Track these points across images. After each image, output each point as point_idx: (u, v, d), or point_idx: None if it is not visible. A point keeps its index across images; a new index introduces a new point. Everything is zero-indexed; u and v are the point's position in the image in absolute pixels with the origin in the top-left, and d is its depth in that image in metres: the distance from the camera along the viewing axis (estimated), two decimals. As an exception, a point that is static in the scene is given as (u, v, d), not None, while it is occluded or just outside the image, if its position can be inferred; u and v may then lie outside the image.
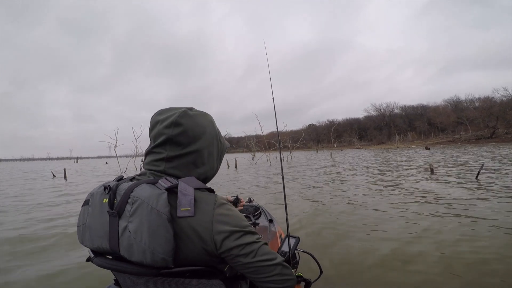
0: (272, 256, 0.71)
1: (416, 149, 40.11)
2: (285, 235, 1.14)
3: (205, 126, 0.77)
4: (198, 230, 0.64)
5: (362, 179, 8.29)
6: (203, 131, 0.76)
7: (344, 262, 2.47)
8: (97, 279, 2.27)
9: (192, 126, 0.74)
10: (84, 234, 0.73)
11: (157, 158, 0.74)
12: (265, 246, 0.72)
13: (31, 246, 3.17)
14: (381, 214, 4.03)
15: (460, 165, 11.04)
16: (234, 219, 0.69)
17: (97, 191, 0.73)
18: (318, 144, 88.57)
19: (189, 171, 0.75)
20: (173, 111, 0.75)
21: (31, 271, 2.52)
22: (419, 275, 2.18)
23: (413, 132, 74.89)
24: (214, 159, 0.82)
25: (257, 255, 0.68)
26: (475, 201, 4.52)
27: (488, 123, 56.14)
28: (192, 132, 0.73)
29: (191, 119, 0.74)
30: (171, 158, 0.73)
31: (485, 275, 2.12)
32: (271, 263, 0.70)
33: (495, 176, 7.34)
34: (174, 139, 0.72)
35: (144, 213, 0.62)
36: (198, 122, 0.76)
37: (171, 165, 0.73)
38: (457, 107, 72.26)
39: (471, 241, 2.80)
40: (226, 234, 0.66)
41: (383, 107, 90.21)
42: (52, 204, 6.04)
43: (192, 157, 0.75)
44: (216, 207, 0.67)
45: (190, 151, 0.74)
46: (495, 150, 21.64)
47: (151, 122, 0.78)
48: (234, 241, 0.66)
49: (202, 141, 0.76)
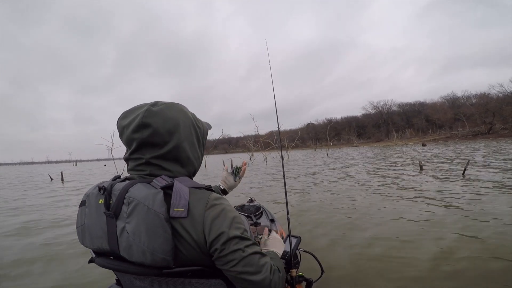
0: (256, 269, 0.66)
1: (413, 146, 40.22)
2: (287, 235, 1.13)
3: (176, 117, 0.72)
4: (190, 231, 0.64)
5: (355, 178, 8.33)
6: (176, 124, 0.72)
7: (346, 262, 2.46)
8: (98, 279, 2.30)
9: (161, 122, 0.69)
10: (84, 235, 0.72)
11: (138, 163, 0.72)
12: (252, 257, 0.66)
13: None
14: (380, 214, 4.02)
15: (451, 161, 11.15)
16: (227, 221, 0.66)
17: (92, 191, 0.72)
18: (317, 143, 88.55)
19: (175, 166, 0.73)
20: (136, 112, 0.71)
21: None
22: (419, 275, 2.17)
23: (411, 129, 75.15)
24: (197, 148, 0.79)
25: (238, 265, 0.65)
26: (461, 195, 4.66)
27: (485, 119, 56.30)
28: (164, 129, 0.69)
29: (157, 115, 0.69)
30: (152, 159, 0.71)
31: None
32: (250, 278, 0.65)
33: (481, 171, 7.44)
34: (147, 141, 0.69)
35: (141, 214, 0.61)
36: (167, 116, 0.71)
37: (156, 167, 0.71)
38: (454, 103, 72.60)
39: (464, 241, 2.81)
40: (214, 236, 0.64)
41: (380, 104, 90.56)
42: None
43: (173, 153, 0.72)
44: (207, 209, 0.66)
45: (169, 148, 0.71)
46: (491, 146, 21.74)
47: (118, 128, 0.75)
48: (221, 245, 0.64)
49: (178, 134, 0.72)
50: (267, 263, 0.69)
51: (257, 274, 0.66)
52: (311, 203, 5.01)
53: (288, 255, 1.03)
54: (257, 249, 0.69)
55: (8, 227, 4.36)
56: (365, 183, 7.01)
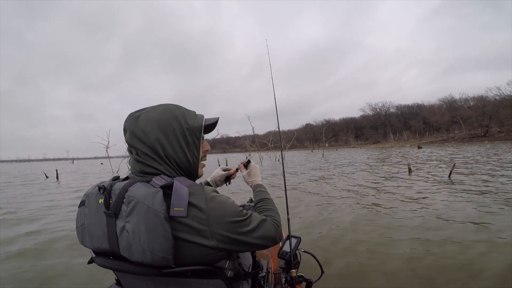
0: (263, 233, 0.76)
1: (409, 148, 40.47)
2: (286, 235, 1.14)
3: (156, 118, 0.74)
4: (195, 228, 0.65)
5: (350, 178, 8.39)
6: (153, 124, 0.74)
7: (346, 262, 2.46)
8: (98, 279, 2.31)
9: (136, 126, 0.74)
10: (83, 235, 0.73)
11: (133, 160, 0.77)
12: (256, 223, 0.75)
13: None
14: (379, 214, 4.05)
15: (442, 164, 11.29)
16: (228, 209, 0.70)
17: (92, 191, 0.73)
18: (314, 144, 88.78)
19: (158, 163, 0.74)
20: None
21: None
22: (419, 274, 2.19)
23: (409, 131, 75.64)
24: (183, 147, 0.77)
25: (254, 233, 0.73)
26: (446, 199, 4.79)
27: (481, 122, 56.71)
28: (141, 131, 0.73)
29: (134, 120, 0.74)
30: (138, 156, 0.75)
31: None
32: (263, 243, 0.76)
33: (467, 174, 7.61)
34: (129, 143, 0.75)
35: (140, 213, 0.62)
36: (145, 118, 0.74)
37: (142, 164, 0.75)
38: (452, 106, 73.22)
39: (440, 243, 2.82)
40: (224, 225, 0.68)
41: (378, 106, 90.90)
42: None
43: (153, 150, 0.73)
44: (208, 202, 0.68)
45: (147, 151, 0.73)
46: (484, 149, 21.94)
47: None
48: (234, 229, 0.69)
49: (156, 136, 0.73)
50: (268, 221, 0.79)
51: (265, 238, 0.76)
52: (312, 203, 5.02)
53: (288, 255, 1.03)
54: (256, 220, 0.76)
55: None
56: (358, 184, 7.08)
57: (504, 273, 2.14)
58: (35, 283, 2.40)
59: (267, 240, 0.76)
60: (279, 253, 1.14)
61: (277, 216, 0.87)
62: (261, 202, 0.94)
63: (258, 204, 0.94)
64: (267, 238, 0.76)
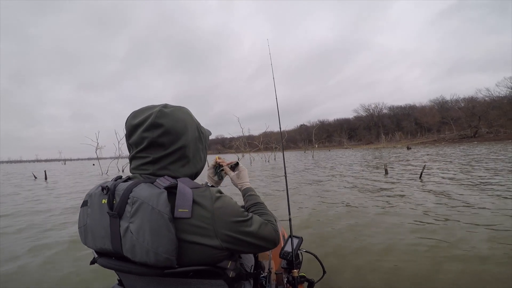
0: (263, 235, 0.76)
1: (400, 148, 40.99)
2: (288, 235, 1.14)
3: (185, 120, 0.76)
4: (201, 227, 0.65)
5: (348, 179, 8.55)
6: (184, 126, 0.75)
7: (348, 262, 2.43)
8: (100, 279, 2.29)
9: (172, 124, 0.73)
10: (86, 236, 0.73)
11: (144, 162, 0.74)
12: (258, 225, 0.76)
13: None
14: (378, 213, 4.07)
15: (419, 165, 11.57)
16: (232, 209, 0.71)
17: (95, 191, 0.72)
18: (307, 144, 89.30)
19: (177, 168, 0.75)
20: (148, 112, 0.74)
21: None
22: (419, 274, 2.17)
23: (401, 132, 76.42)
24: (200, 151, 0.82)
25: (256, 234, 0.74)
26: (413, 197, 4.94)
27: (471, 122, 57.69)
28: (174, 130, 0.73)
29: (169, 116, 0.73)
30: (157, 160, 0.73)
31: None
32: (262, 244, 0.77)
33: (439, 176, 7.77)
34: (157, 141, 0.72)
35: (145, 214, 0.62)
36: (177, 117, 0.74)
37: (159, 166, 0.73)
38: (443, 107, 74.08)
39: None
40: (228, 224, 0.69)
41: (371, 107, 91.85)
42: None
43: (177, 155, 0.75)
44: (214, 202, 0.69)
45: (175, 149, 0.73)
46: (469, 149, 22.39)
47: (127, 127, 0.77)
48: (237, 229, 0.70)
49: (186, 137, 0.75)
50: (268, 224, 0.80)
51: (266, 240, 0.77)
52: (312, 204, 4.99)
53: (290, 255, 1.03)
54: (257, 222, 0.76)
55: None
56: (359, 187, 6.99)
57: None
58: (36, 283, 2.38)
59: (268, 242, 0.78)
60: (281, 253, 1.14)
61: (273, 220, 0.87)
62: (255, 207, 0.92)
63: (251, 209, 0.92)
64: (268, 239, 0.77)
